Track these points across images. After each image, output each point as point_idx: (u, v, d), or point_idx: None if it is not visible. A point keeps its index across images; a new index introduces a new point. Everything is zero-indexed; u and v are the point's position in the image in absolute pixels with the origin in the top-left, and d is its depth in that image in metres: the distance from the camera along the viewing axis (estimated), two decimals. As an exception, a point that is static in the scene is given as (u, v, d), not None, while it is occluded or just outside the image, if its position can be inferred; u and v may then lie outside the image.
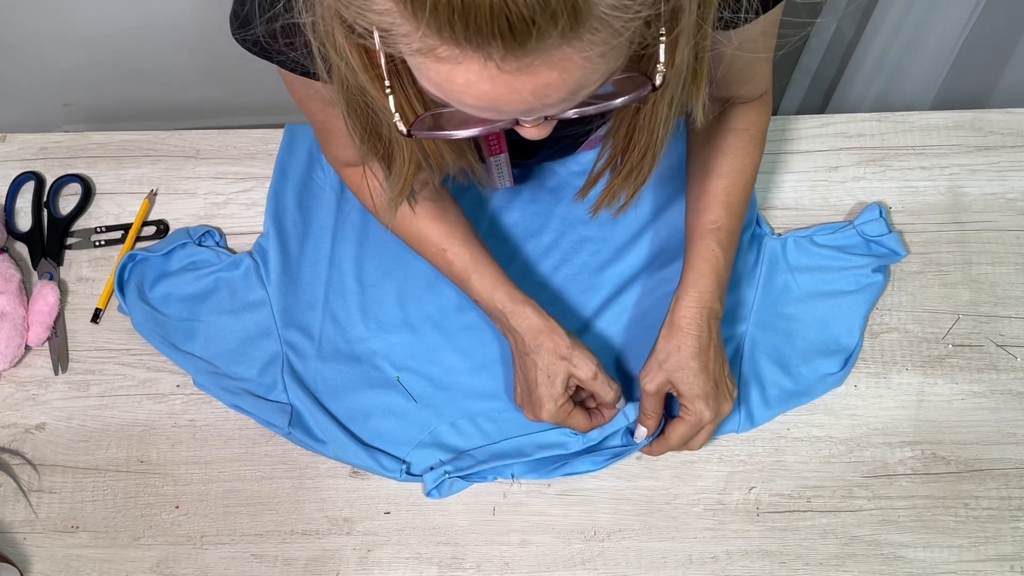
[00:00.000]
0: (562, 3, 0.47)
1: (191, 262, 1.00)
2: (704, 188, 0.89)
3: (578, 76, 0.52)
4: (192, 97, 1.34)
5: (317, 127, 0.87)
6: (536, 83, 0.51)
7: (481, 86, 0.51)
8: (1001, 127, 1.04)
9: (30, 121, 1.28)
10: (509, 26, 0.47)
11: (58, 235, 1.03)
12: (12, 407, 0.97)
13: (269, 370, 0.96)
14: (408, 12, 0.49)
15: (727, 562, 0.89)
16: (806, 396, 0.94)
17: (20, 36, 1.23)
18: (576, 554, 0.90)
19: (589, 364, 0.86)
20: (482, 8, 0.46)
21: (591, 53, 0.50)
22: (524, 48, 0.48)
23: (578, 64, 0.51)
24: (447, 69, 0.51)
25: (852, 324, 0.95)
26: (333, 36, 0.57)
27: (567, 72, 0.51)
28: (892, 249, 0.97)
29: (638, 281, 0.98)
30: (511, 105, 0.53)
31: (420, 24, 0.49)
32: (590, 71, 0.52)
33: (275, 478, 0.93)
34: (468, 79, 0.51)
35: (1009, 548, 0.88)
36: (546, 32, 0.48)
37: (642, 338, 0.96)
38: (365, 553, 0.90)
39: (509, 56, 0.49)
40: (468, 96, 0.53)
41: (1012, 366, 0.95)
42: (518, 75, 0.50)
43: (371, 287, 0.99)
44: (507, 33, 0.47)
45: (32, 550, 0.91)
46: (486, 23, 0.47)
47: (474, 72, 0.51)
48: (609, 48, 0.51)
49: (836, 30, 1.25)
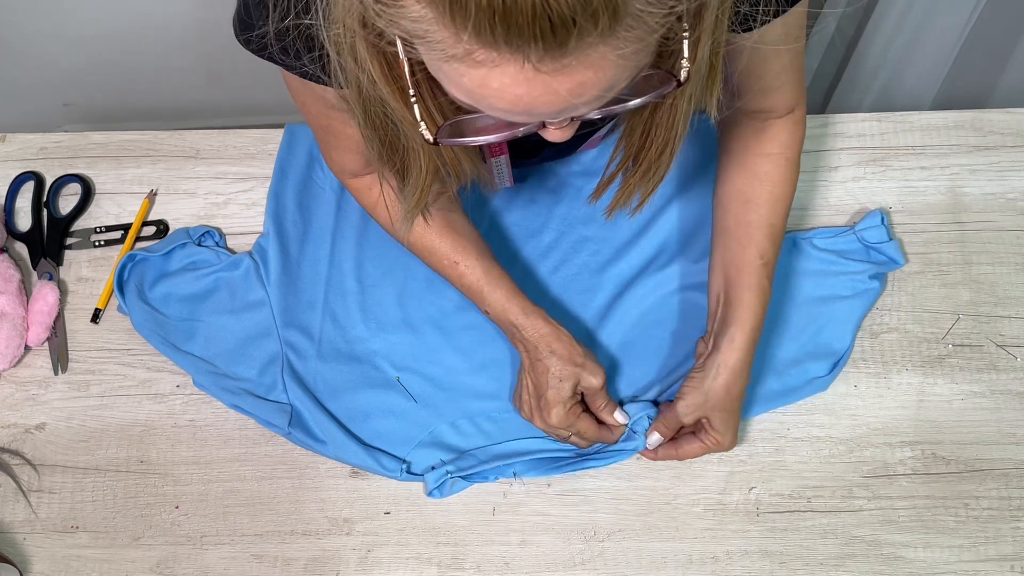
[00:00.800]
0: (603, 2, 0.47)
1: (191, 262, 1.00)
2: (745, 218, 0.88)
3: (612, 74, 0.52)
4: (192, 97, 1.34)
5: (320, 132, 0.87)
6: (572, 83, 0.51)
7: (516, 89, 0.51)
8: (1001, 127, 1.04)
9: (30, 121, 1.28)
10: (551, 27, 0.47)
11: (58, 235, 1.03)
12: (12, 407, 0.97)
13: (269, 370, 0.96)
14: (447, 17, 0.48)
15: (727, 562, 0.89)
16: (791, 397, 0.94)
17: (20, 36, 1.23)
18: (576, 554, 0.90)
19: (600, 374, 0.88)
20: (524, 10, 0.46)
21: (625, 51, 0.50)
22: (564, 48, 0.48)
23: (612, 62, 0.51)
24: (482, 74, 0.51)
25: (845, 329, 0.95)
26: (355, 47, 0.57)
27: (602, 71, 0.51)
28: (891, 257, 0.97)
29: (639, 281, 0.97)
30: (545, 107, 0.53)
31: (459, 29, 0.48)
32: (623, 68, 0.52)
33: (275, 478, 0.93)
34: (503, 83, 0.51)
35: (1009, 548, 0.88)
36: (586, 31, 0.48)
37: (643, 338, 0.96)
38: (365, 553, 0.90)
39: (547, 57, 0.49)
40: (501, 100, 0.53)
41: (1012, 366, 0.95)
42: (555, 76, 0.50)
43: (371, 287, 0.99)
44: (548, 34, 0.47)
45: (32, 550, 0.91)
46: (528, 24, 0.47)
47: (510, 75, 0.50)
48: (643, 45, 0.51)
49: (836, 30, 1.25)
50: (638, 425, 0.91)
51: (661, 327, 0.96)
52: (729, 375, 0.86)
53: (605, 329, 0.96)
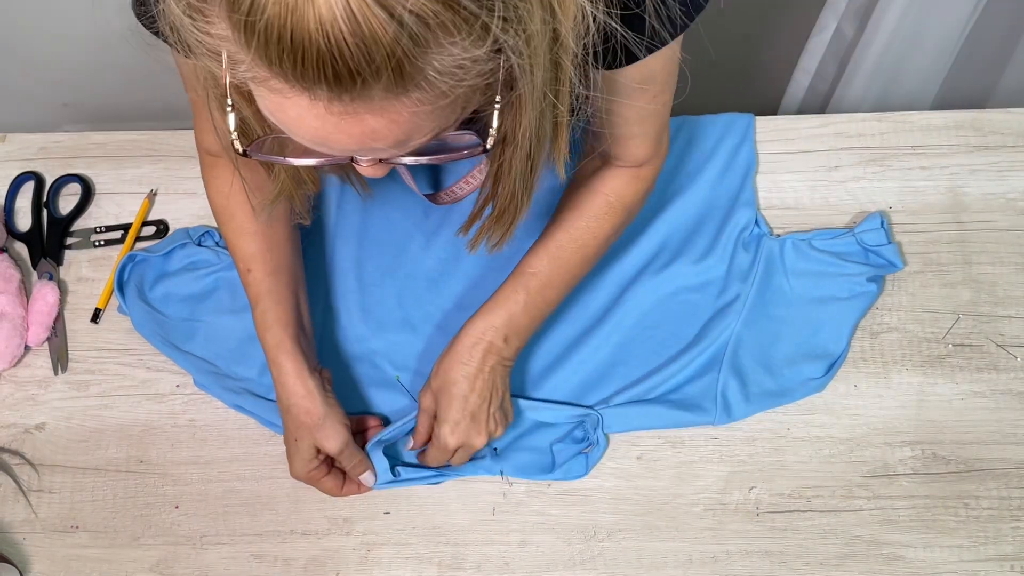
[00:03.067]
0: (386, 61, 0.48)
1: (191, 262, 1.00)
2: (544, 234, 0.89)
3: (406, 128, 0.53)
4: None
5: (192, 106, 0.86)
6: (363, 128, 0.52)
7: (311, 122, 0.53)
8: (1001, 127, 1.04)
9: (30, 121, 1.28)
10: (335, 73, 0.48)
11: (58, 235, 1.03)
12: (12, 407, 0.97)
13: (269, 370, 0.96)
14: (241, 42, 0.49)
15: (727, 562, 0.89)
16: (786, 397, 0.94)
17: (20, 36, 1.23)
18: (576, 554, 0.90)
19: (337, 437, 0.85)
20: (309, 52, 0.47)
21: (419, 110, 0.52)
22: (349, 95, 0.50)
23: (406, 117, 0.52)
24: (279, 100, 0.52)
25: (840, 331, 0.95)
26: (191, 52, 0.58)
27: (394, 123, 0.52)
28: (890, 260, 0.97)
29: (639, 281, 0.98)
30: (341, 144, 0.54)
31: (253, 55, 0.49)
32: (417, 125, 0.54)
33: (275, 478, 0.93)
34: (299, 112, 0.52)
35: (1009, 548, 0.88)
36: (369, 84, 0.49)
37: (644, 338, 0.96)
38: (365, 553, 0.90)
39: (335, 99, 0.50)
40: (300, 129, 0.54)
41: (1012, 366, 0.95)
42: (344, 118, 0.52)
43: (371, 287, 0.99)
44: (332, 79, 0.48)
45: (32, 550, 0.91)
46: (312, 67, 0.48)
47: (303, 107, 0.52)
48: (437, 107, 0.53)
49: (836, 30, 1.25)
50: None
51: (659, 328, 0.96)
52: (450, 356, 0.86)
53: (603, 329, 0.96)
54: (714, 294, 0.97)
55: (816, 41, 1.29)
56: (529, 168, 0.66)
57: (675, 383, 0.94)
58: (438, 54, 0.49)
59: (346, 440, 0.86)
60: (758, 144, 1.04)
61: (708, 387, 0.94)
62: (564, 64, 0.58)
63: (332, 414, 0.86)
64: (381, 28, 0.46)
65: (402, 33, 0.47)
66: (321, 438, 0.85)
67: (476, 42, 0.50)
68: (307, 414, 0.85)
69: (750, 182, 1.01)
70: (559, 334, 0.97)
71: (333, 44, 0.46)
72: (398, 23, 0.47)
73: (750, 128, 1.04)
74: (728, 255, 0.98)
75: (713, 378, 0.94)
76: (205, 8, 0.51)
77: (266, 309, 0.86)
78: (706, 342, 0.94)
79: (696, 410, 0.93)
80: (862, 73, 1.25)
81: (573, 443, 0.93)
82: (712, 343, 0.94)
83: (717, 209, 1.00)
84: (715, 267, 0.98)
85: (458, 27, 0.49)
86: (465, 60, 0.51)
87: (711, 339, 0.94)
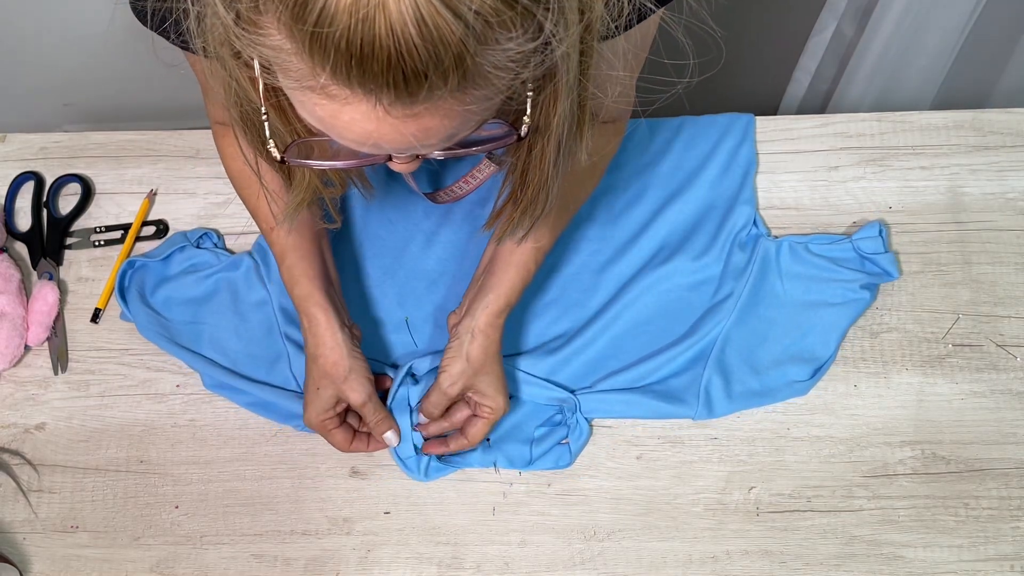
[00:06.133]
0: (453, 61, 0.49)
1: (191, 264, 1.00)
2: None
3: (457, 123, 0.55)
4: (192, 97, 1.34)
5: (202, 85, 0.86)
6: (419, 127, 0.54)
7: (366, 125, 0.53)
8: (1001, 127, 1.04)
9: (30, 121, 1.28)
10: (404, 78, 0.49)
11: (58, 235, 1.03)
12: (12, 407, 0.97)
13: (276, 368, 0.96)
14: (306, 54, 0.50)
15: (727, 562, 0.89)
16: (768, 398, 0.94)
17: (20, 36, 1.23)
18: (576, 554, 0.90)
19: (361, 390, 0.86)
20: (380, 59, 0.48)
21: (472, 106, 0.53)
22: (414, 98, 0.51)
23: (459, 113, 0.54)
24: (335, 107, 0.53)
25: (829, 336, 0.95)
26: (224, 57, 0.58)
27: (448, 119, 0.54)
28: (885, 269, 0.97)
29: (640, 279, 0.98)
30: (392, 143, 0.55)
31: (316, 66, 0.50)
32: (467, 119, 0.55)
33: (275, 478, 0.93)
34: (354, 118, 0.53)
35: (1009, 548, 0.88)
36: (437, 86, 0.50)
37: (637, 332, 0.96)
38: (365, 553, 0.90)
39: (398, 103, 0.51)
40: (351, 132, 0.55)
41: (1012, 366, 0.95)
42: (404, 120, 0.53)
43: (371, 287, 0.99)
44: (400, 84, 0.49)
45: (32, 550, 0.91)
46: (382, 72, 0.49)
47: (361, 112, 0.52)
48: (489, 101, 0.55)
49: (836, 30, 1.25)
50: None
51: (653, 324, 0.96)
52: (484, 338, 0.86)
53: (598, 324, 0.96)
54: (710, 292, 0.97)
55: (816, 41, 1.29)
56: (560, 154, 0.67)
57: (661, 375, 0.94)
58: (496, 51, 0.51)
59: (370, 393, 0.87)
60: (758, 144, 1.04)
61: (692, 381, 0.94)
62: (591, 49, 0.59)
63: (359, 367, 0.86)
64: (449, 29, 0.47)
65: (468, 33, 0.48)
66: (346, 389, 0.86)
67: (530, 37, 0.51)
68: (334, 366, 0.85)
69: (750, 182, 1.01)
70: (555, 328, 0.97)
71: (403, 49, 0.47)
72: (464, 23, 0.48)
73: (750, 128, 1.04)
74: (725, 254, 0.98)
75: (698, 373, 0.94)
76: (260, 20, 0.51)
77: (292, 264, 0.87)
78: (695, 337, 0.95)
79: (677, 403, 0.93)
80: (862, 73, 1.25)
81: (551, 427, 0.93)
82: (701, 339, 0.94)
83: (716, 209, 1.00)
84: (712, 265, 0.98)
85: (515, 23, 0.50)
86: (520, 55, 0.52)
87: (700, 335, 0.95)
